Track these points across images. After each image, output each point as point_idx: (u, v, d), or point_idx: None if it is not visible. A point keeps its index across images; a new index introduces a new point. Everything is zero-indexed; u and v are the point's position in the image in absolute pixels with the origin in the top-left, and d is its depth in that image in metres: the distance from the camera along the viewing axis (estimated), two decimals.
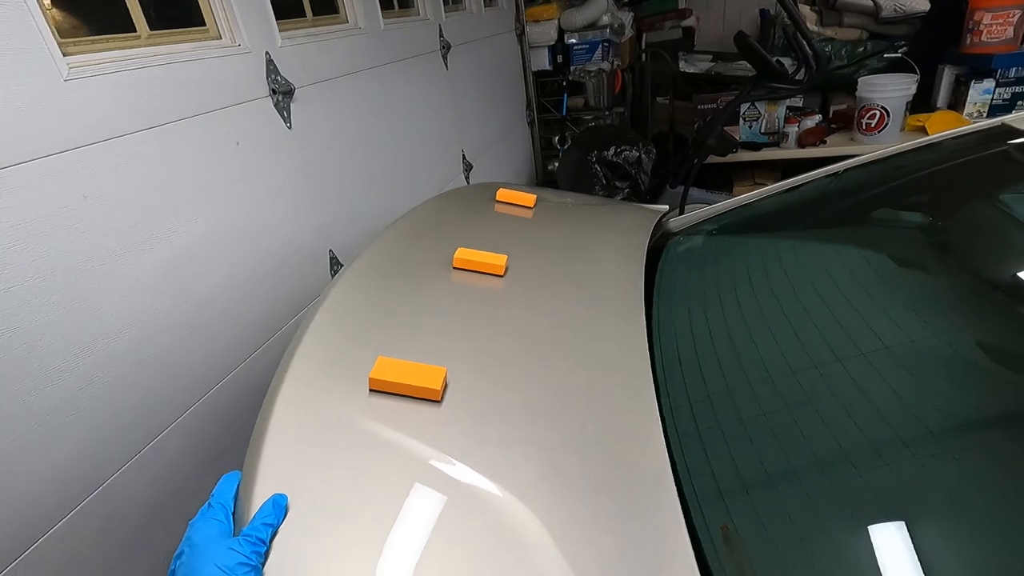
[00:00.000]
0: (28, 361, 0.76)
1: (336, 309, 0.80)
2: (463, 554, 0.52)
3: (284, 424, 0.61)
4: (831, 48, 3.28)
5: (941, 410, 0.63)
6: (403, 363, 0.66)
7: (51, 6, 0.85)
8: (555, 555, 0.52)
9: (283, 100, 1.24)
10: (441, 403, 0.65)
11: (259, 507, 0.53)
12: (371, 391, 0.65)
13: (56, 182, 0.79)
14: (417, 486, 0.57)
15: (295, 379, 0.67)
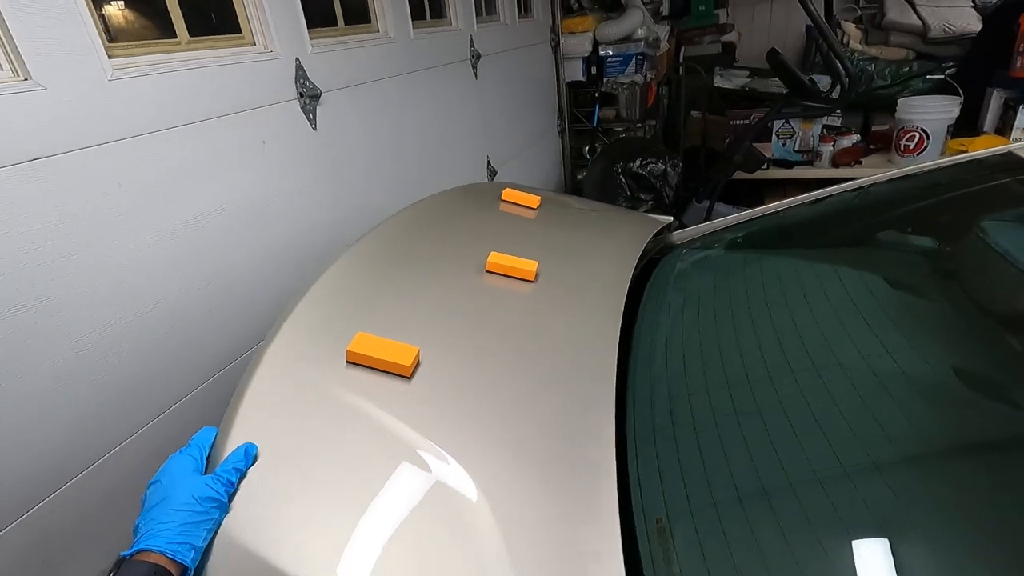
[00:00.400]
0: (58, 326, 0.86)
1: (330, 286, 0.86)
2: (405, 508, 0.58)
3: (264, 384, 0.68)
4: (874, 67, 3.21)
5: (893, 430, 0.65)
6: (380, 340, 0.72)
7: (101, 13, 0.95)
8: (489, 519, 0.57)
9: (310, 103, 1.33)
10: (411, 379, 0.71)
11: (231, 452, 0.60)
12: (348, 363, 0.72)
13: (95, 170, 0.89)
14: (375, 450, 0.62)
15: (280, 345, 0.73)
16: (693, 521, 0.61)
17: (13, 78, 0.80)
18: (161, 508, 0.54)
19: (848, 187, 1.56)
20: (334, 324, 0.79)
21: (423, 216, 1.16)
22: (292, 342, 0.75)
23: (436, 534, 0.56)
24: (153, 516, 0.53)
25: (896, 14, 3.22)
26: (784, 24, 4.44)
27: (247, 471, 0.59)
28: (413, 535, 0.56)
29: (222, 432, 0.63)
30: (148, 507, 0.55)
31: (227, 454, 0.60)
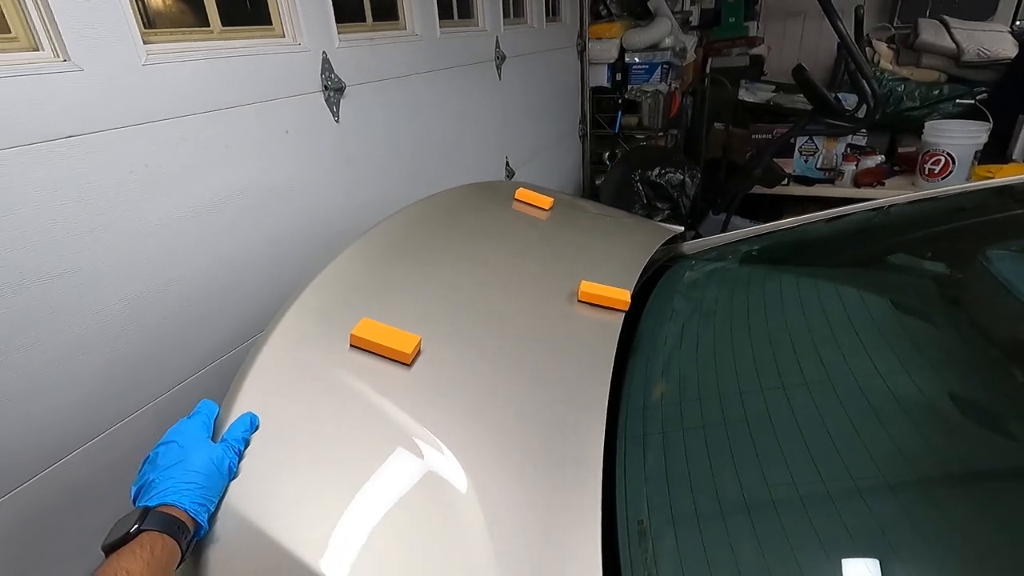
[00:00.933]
0: (83, 297, 0.90)
1: (339, 272, 0.89)
2: (395, 489, 0.60)
3: (268, 361, 0.70)
4: (904, 88, 3.17)
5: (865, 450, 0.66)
6: (384, 326, 0.75)
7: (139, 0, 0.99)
8: (475, 505, 0.59)
9: (334, 96, 1.36)
10: (411, 367, 0.73)
11: (235, 420, 0.62)
12: (351, 346, 0.74)
13: (125, 150, 0.93)
14: (371, 432, 0.65)
15: (287, 326, 0.76)
16: (674, 526, 0.62)
17: (53, 59, 0.84)
18: (179, 468, 0.56)
19: (868, 207, 1.56)
20: (340, 308, 0.81)
21: (436, 209, 1.18)
22: (298, 323, 0.77)
23: (424, 516, 0.59)
24: (172, 475, 0.55)
25: (930, 35, 3.18)
26: (815, 41, 4.40)
27: (250, 440, 0.62)
28: (402, 516, 0.58)
29: (226, 403, 0.66)
30: (165, 465, 0.56)
31: (230, 423, 0.62)
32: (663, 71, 3.05)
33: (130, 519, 0.51)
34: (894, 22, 4.10)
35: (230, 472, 0.58)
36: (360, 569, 0.54)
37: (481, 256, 1.03)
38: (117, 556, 0.48)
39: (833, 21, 2.08)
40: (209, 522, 0.56)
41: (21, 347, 0.84)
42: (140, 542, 0.49)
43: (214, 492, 0.56)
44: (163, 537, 0.50)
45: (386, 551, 0.56)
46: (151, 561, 0.48)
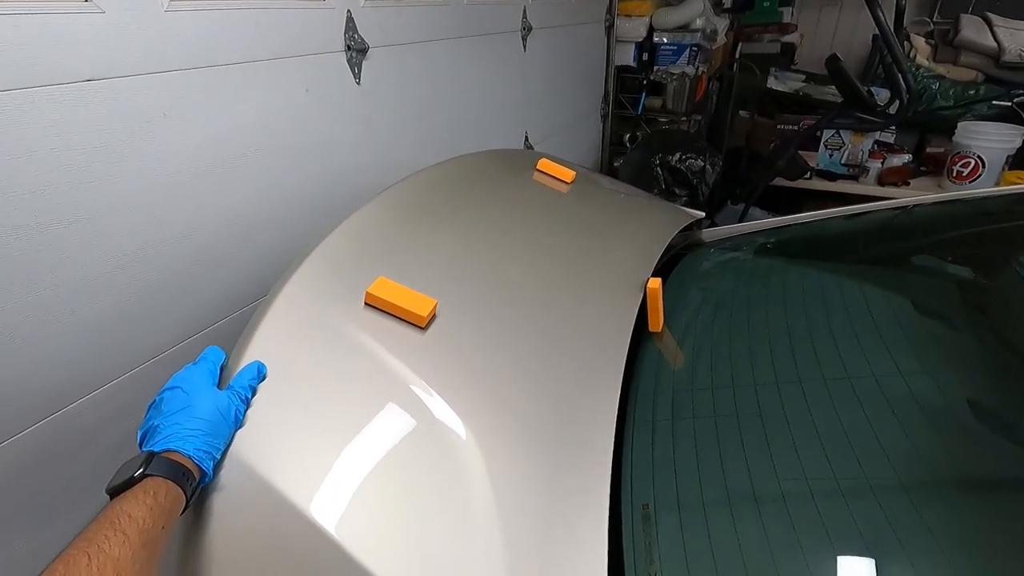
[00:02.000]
0: (94, 244, 0.89)
1: (356, 228, 0.87)
2: (402, 448, 0.60)
3: (281, 312, 0.69)
4: (939, 86, 3.08)
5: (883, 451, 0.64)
6: (400, 287, 0.73)
7: None
8: (481, 469, 0.59)
9: (356, 57, 1.33)
10: (425, 330, 0.72)
11: (243, 368, 0.61)
12: (366, 304, 0.73)
13: (143, 98, 0.91)
14: (380, 391, 0.64)
15: (301, 278, 0.75)
16: (679, 512, 0.62)
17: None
18: (185, 414, 0.55)
19: (891, 205, 1.53)
20: (355, 265, 0.80)
21: (457, 173, 1.16)
22: (313, 276, 0.76)
23: (429, 480, 0.58)
24: (177, 421, 0.55)
25: (971, 32, 3.07)
26: (850, 32, 4.26)
27: (257, 389, 0.61)
28: (406, 478, 0.58)
29: (236, 352, 0.65)
30: (169, 411, 0.56)
31: (238, 371, 0.61)
32: (691, 53, 2.97)
33: (135, 463, 0.51)
34: (934, 17, 3.96)
35: (236, 420, 0.58)
36: (359, 525, 0.53)
37: (500, 224, 1.01)
38: (120, 500, 0.48)
39: (874, 10, 2.01)
40: (214, 470, 0.55)
41: (34, 291, 0.83)
42: (144, 487, 0.49)
43: (220, 440, 0.55)
44: (167, 483, 0.50)
45: (388, 512, 0.55)
46: (154, 507, 0.47)
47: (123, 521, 0.45)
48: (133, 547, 0.44)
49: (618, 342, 0.80)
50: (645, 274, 0.98)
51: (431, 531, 0.55)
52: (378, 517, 0.55)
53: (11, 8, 0.74)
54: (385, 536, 0.54)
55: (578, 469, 0.62)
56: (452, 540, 0.55)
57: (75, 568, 0.40)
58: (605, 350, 0.79)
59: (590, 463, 0.62)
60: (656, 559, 0.58)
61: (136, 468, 0.50)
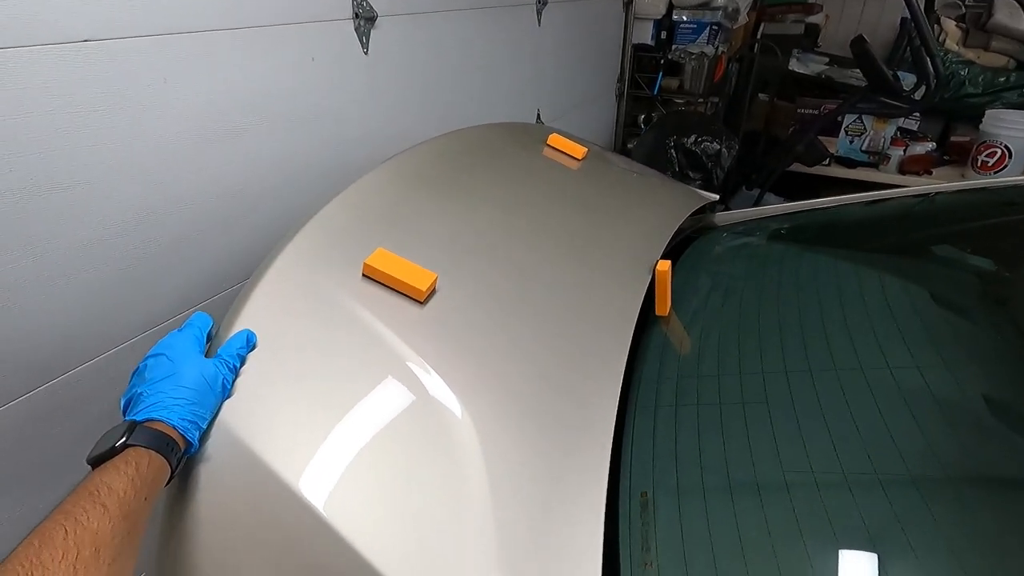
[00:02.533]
0: (92, 210, 0.88)
1: (357, 197, 0.84)
2: (395, 422, 0.58)
3: (274, 281, 0.67)
4: (967, 72, 2.97)
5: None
6: (399, 259, 0.71)
7: None
8: (476, 452, 0.57)
9: (364, 25, 1.29)
10: (423, 304, 0.70)
11: (232, 336, 0.59)
12: (363, 276, 0.71)
13: (143, 61, 0.89)
14: (375, 364, 0.62)
15: (298, 246, 0.72)
16: (678, 500, 0.60)
17: None
18: (169, 382, 0.53)
19: (912, 192, 1.48)
20: (354, 234, 0.77)
21: (464, 144, 1.12)
22: (309, 245, 0.74)
23: (421, 456, 0.57)
24: (161, 389, 0.53)
25: (1004, 16, 2.95)
26: (877, 13, 4.12)
27: (247, 358, 0.59)
28: (398, 453, 0.57)
29: (227, 320, 0.63)
30: (153, 379, 0.54)
31: (227, 339, 0.60)
32: (711, 32, 2.88)
33: (116, 432, 0.49)
34: (967, 0, 3.82)
35: (223, 390, 0.56)
36: (348, 503, 0.52)
37: (506, 199, 0.98)
38: (101, 471, 0.46)
39: None
40: (201, 441, 0.54)
41: (31, 256, 0.82)
42: (125, 458, 0.47)
43: (206, 409, 0.54)
44: (150, 453, 0.48)
45: (379, 490, 0.54)
46: (136, 478, 0.46)
47: (103, 493, 0.43)
48: (113, 520, 0.42)
49: (623, 325, 0.78)
50: (654, 256, 0.95)
51: (423, 510, 0.53)
52: (368, 495, 0.53)
53: None
54: (375, 515, 0.52)
55: (577, 454, 0.60)
56: (444, 519, 0.53)
57: (51, 542, 0.39)
58: (610, 333, 0.77)
59: (589, 448, 0.60)
60: (652, 547, 0.57)
61: (118, 438, 0.48)
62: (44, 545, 0.38)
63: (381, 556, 0.49)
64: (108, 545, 0.41)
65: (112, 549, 0.41)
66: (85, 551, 0.39)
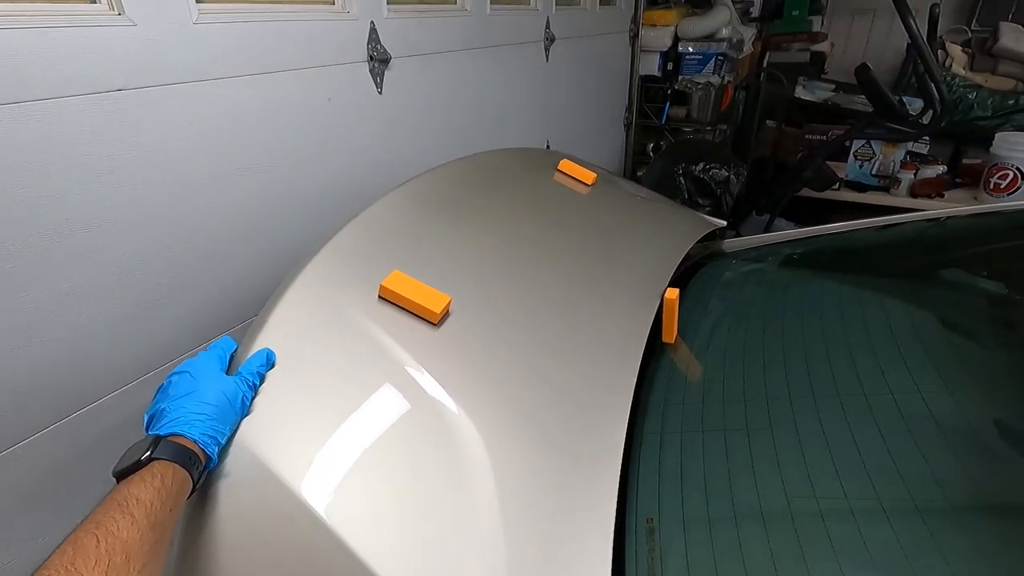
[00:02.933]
0: (119, 248, 0.93)
1: (374, 220, 0.87)
2: (408, 444, 0.60)
3: (293, 301, 0.70)
4: (976, 96, 2.99)
5: None
6: (415, 281, 0.73)
7: None
8: (487, 473, 0.58)
9: (378, 67, 1.36)
10: (438, 327, 0.72)
11: (252, 355, 0.61)
12: (380, 298, 0.73)
13: (170, 107, 0.94)
14: (391, 385, 0.64)
15: (316, 268, 0.75)
16: (684, 528, 0.60)
17: (108, 11, 0.86)
18: (191, 399, 0.55)
19: (923, 216, 1.48)
20: (370, 258, 0.79)
21: (477, 169, 1.15)
22: (327, 268, 0.75)
23: (435, 476, 0.58)
24: (183, 404, 0.55)
25: (1010, 40, 2.97)
26: (883, 40, 4.17)
27: (265, 376, 0.61)
28: (412, 472, 0.58)
29: (247, 339, 0.65)
30: (176, 395, 0.56)
31: (248, 357, 0.61)
32: (717, 63, 2.94)
33: (142, 446, 0.51)
34: (972, 24, 3.85)
35: (243, 406, 0.57)
36: (363, 522, 0.53)
37: (518, 224, 1.00)
38: (128, 483, 0.48)
39: (905, 18, 1.97)
40: (220, 456, 0.55)
41: (62, 292, 0.87)
42: (151, 470, 0.49)
43: (225, 425, 0.55)
44: (174, 467, 0.50)
45: (392, 506, 0.55)
46: (161, 489, 0.47)
47: (131, 504, 0.45)
48: (141, 530, 0.44)
49: (631, 352, 0.79)
50: (662, 283, 0.97)
51: (437, 532, 0.54)
52: (384, 515, 0.54)
53: (48, 22, 0.78)
54: (391, 535, 0.53)
55: (586, 479, 0.61)
56: (457, 541, 0.54)
57: (84, 550, 0.40)
58: (618, 360, 0.78)
59: (598, 474, 0.61)
60: (658, 573, 0.57)
61: (143, 451, 0.50)
62: (78, 553, 0.40)
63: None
64: (137, 553, 0.43)
65: (141, 557, 0.43)
66: (116, 559, 0.41)
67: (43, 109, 0.79)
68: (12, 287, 0.81)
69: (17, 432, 0.86)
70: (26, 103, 0.77)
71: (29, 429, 0.88)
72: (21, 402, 0.86)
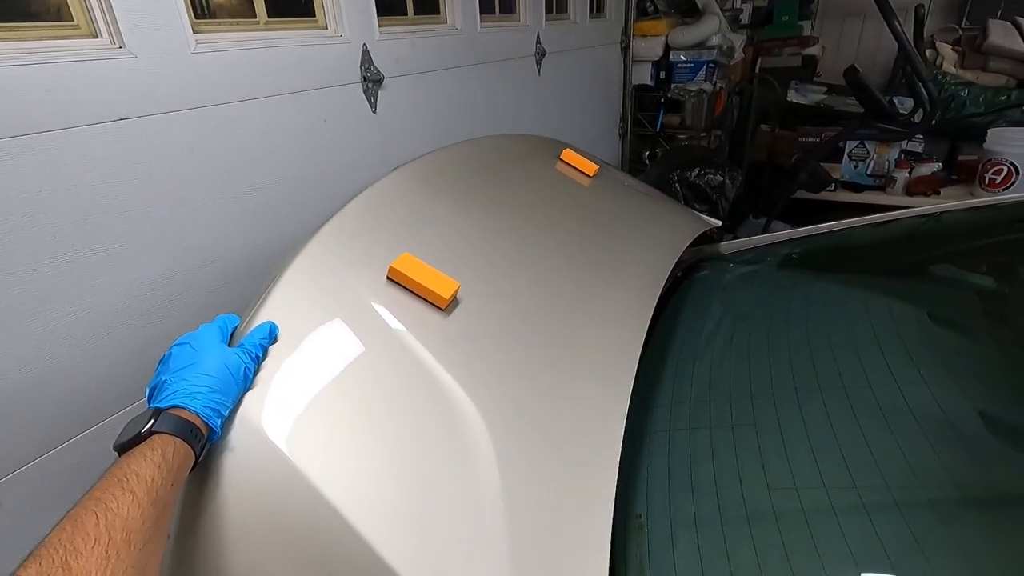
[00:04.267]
0: (127, 271, 0.96)
1: (378, 198, 0.85)
2: (411, 425, 0.59)
3: (298, 275, 0.67)
4: (968, 93, 3.01)
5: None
6: (425, 265, 0.72)
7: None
8: (491, 463, 0.58)
9: (372, 87, 1.40)
10: (445, 312, 0.71)
11: (255, 328, 0.59)
12: (388, 279, 0.71)
13: (172, 134, 0.98)
14: (390, 363, 0.63)
15: (325, 240, 0.72)
16: (671, 526, 0.62)
17: (110, 46, 0.90)
18: (192, 371, 0.53)
19: (918, 212, 1.50)
20: (376, 234, 0.78)
21: (482, 152, 1.15)
22: (337, 240, 0.73)
23: (436, 458, 0.58)
24: (184, 376, 0.53)
25: (999, 38, 3.00)
26: (875, 42, 4.21)
27: (268, 350, 0.59)
28: (414, 454, 0.57)
29: (251, 312, 0.64)
30: (176, 367, 0.54)
31: (250, 330, 0.60)
32: (708, 70, 2.98)
33: (142, 419, 0.49)
34: (962, 23, 3.88)
35: (246, 378, 0.55)
36: (364, 499, 0.52)
37: (523, 211, 1.00)
38: (128, 458, 0.46)
39: (889, 20, 2.00)
40: (224, 429, 0.54)
41: (69, 314, 0.90)
42: (151, 445, 0.47)
43: (228, 397, 0.53)
44: (175, 440, 0.48)
45: (395, 486, 0.54)
46: (162, 464, 0.46)
47: (131, 480, 0.44)
48: (142, 506, 0.43)
49: (630, 346, 0.77)
50: (660, 280, 0.97)
51: (438, 512, 0.54)
52: (386, 495, 0.54)
53: (54, 57, 0.82)
54: (393, 515, 0.53)
55: (584, 479, 0.60)
56: (458, 525, 0.54)
57: (83, 528, 0.39)
58: (617, 352, 0.77)
59: (595, 475, 0.60)
60: (647, 570, 0.59)
61: (143, 424, 0.48)
62: (76, 531, 0.39)
63: (397, 556, 0.49)
64: (138, 530, 0.42)
65: (142, 534, 0.42)
66: (116, 536, 0.40)
67: (49, 140, 0.83)
68: (35, 305, 0.85)
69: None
70: (35, 134, 0.81)
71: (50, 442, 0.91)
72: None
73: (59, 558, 0.37)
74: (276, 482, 0.52)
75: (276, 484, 0.52)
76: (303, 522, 0.52)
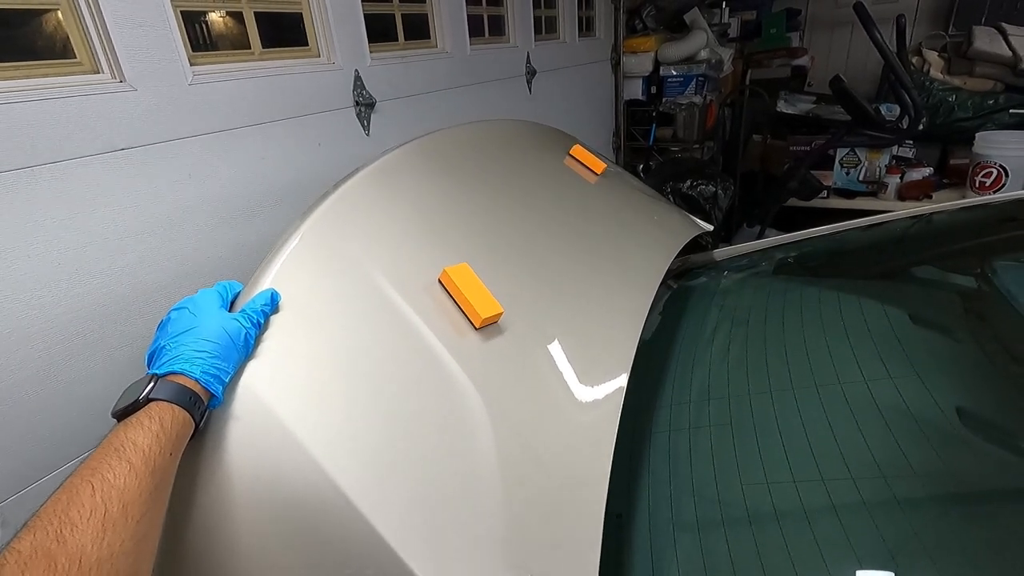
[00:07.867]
0: (130, 294, 1.00)
1: (386, 171, 0.84)
2: (413, 405, 0.59)
3: (305, 244, 0.66)
4: (956, 99, 3.05)
5: None
6: (478, 282, 0.70)
7: (188, 26, 1.10)
8: (491, 450, 0.59)
9: (365, 111, 1.44)
10: (478, 330, 0.69)
11: (256, 294, 0.58)
12: (438, 282, 0.71)
13: (170, 162, 1.03)
14: (394, 338, 0.63)
15: (330, 211, 0.71)
16: (650, 524, 0.64)
17: (111, 80, 0.95)
18: (191, 335, 0.52)
19: (908, 214, 1.52)
20: (380, 208, 0.77)
21: (489, 135, 1.14)
22: (339, 214, 0.72)
23: (435, 439, 0.58)
24: (182, 342, 0.51)
25: (984, 43, 3.05)
26: (864, 51, 4.26)
27: (270, 317, 0.58)
28: (415, 431, 0.57)
29: (253, 279, 0.62)
30: (175, 332, 0.52)
31: (252, 296, 0.58)
32: (698, 83, 3.04)
33: (140, 386, 0.48)
34: (949, 30, 3.94)
35: (247, 344, 0.54)
36: (364, 470, 0.52)
37: (524, 199, 1.00)
38: (125, 426, 0.45)
39: (869, 30, 2.05)
40: (225, 395, 0.52)
41: (79, 336, 0.94)
42: (149, 413, 0.46)
43: (228, 363, 0.52)
44: (173, 408, 0.47)
45: (392, 462, 0.54)
46: (160, 433, 0.44)
47: (128, 449, 0.42)
48: (139, 476, 0.41)
49: (622, 355, 0.77)
50: (653, 283, 0.97)
51: (438, 494, 0.54)
52: (383, 471, 0.53)
53: (58, 92, 0.87)
54: (392, 489, 0.52)
55: (581, 479, 0.61)
56: (457, 506, 0.53)
57: (79, 499, 0.38)
58: (609, 362, 0.77)
59: (592, 471, 0.61)
60: (625, 567, 0.61)
61: (141, 391, 0.47)
62: (72, 502, 0.38)
63: (391, 530, 0.49)
64: (135, 502, 0.40)
65: (139, 506, 0.40)
66: (113, 508, 0.39)
67: (51, 172, 0.87)
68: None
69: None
70: (40, 166, 0.86)
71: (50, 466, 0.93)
72: None
73: (54, 530, 0.36)
74: (277, 452, 0.51)
75: (277, 454, 0.51)
76: (303, 493, 0.50)
